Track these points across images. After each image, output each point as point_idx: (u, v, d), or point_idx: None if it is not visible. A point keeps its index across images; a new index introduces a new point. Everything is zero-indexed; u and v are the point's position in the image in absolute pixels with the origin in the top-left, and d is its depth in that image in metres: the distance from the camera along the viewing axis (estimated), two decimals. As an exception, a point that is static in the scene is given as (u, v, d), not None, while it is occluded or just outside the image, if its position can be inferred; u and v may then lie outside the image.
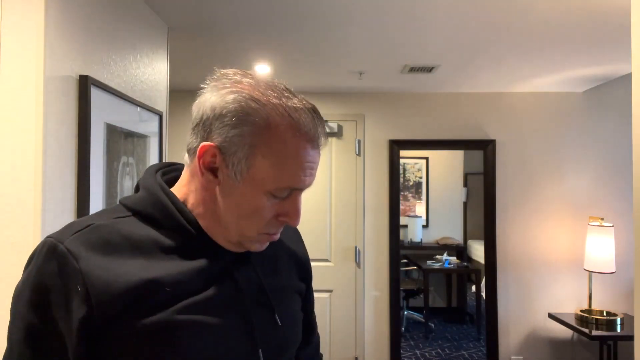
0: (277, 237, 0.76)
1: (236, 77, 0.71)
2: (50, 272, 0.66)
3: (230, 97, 0.68)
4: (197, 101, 0.73)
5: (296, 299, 0.87)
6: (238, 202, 0.70)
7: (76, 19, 1.43)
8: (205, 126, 0.69)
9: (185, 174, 0.75)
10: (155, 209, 0.72)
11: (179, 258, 0.71)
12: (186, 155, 0.74)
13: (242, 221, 0.71)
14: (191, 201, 0.74)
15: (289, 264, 0.87)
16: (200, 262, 0.71)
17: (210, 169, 0.70)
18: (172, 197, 0.73)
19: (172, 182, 0.79)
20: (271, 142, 0.67)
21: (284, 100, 0.68)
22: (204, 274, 0.71)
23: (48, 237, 0.70)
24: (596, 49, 2.57)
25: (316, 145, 0.70)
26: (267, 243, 0.77)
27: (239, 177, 0.68)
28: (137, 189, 0.78)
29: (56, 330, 0.65)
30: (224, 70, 0.73)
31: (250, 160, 0.68)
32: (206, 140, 0.69)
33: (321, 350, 1.03)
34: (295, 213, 0.72)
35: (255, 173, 0.68)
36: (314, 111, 0.71)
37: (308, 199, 3.66)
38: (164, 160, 2.08)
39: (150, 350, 0.66)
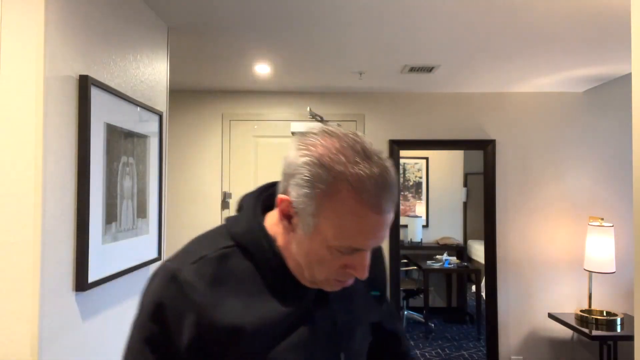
0: (350, 282, 0.82)
1: (313, 139, 0.76)
2: (170, 295, 0.77)
3: (302, 159, 0.75)
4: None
5: (367, 334, 0.95)
6: (307, 251, 0.78)
7: (76, 19, 1.43)
8: (285, 179, 0.78)
9: (276, 213, 0.82)
10: (256, 250, 0.82)
11: (272, 297, 0.81)
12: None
13: (312, 267, 0.79)
14: (279, 242, 0.82)
15: (365, 295, 0.94)
16: (288, 302, 0.81)
17: (286, 217, 0.78)
18: (270, 241, 0.82)
19: (270, 199, 0.86)
20: (334, 207, 0.73)
21: (351, 166, 0.72)
22: (292, 316, 0.81)
23: (168, 262, 0.83)
24: (596, 49, 2.57)
25: (380, 211, 0.73)
26: (340, 287, 0.83)
27: (307, 230, 0.76)
28: (239, 208, 0.89)
29: (171, 340, 0.76)
30: (311, 130, 0.80)
31: (316, 218, 0.74)
32: (284, 192, 0.78)
33: None
34: (361, 268, 0.78)
35: (320, 230, 0.75)
36: (383, 176, 0.74)
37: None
38: (163, 160, 2.08)
39: None
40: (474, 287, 5.14)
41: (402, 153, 3.78)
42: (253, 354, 0.78)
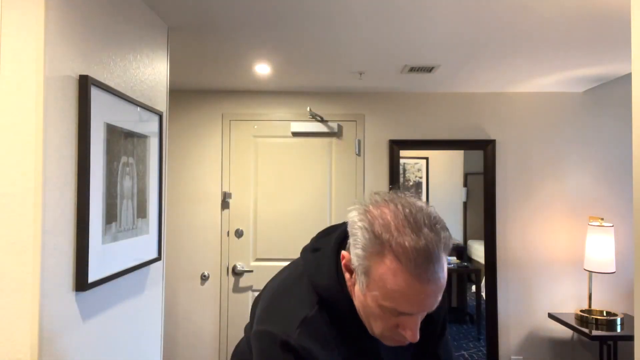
0: (407, 342, 0.87)
1: (375, 204, 0.83)
2: None
3: (360, 224, 0.81)
4: None
5: None
6: (363, 305, 0.84)
7: (76, 19, 1.43)
8: (348, 235, 0.86)
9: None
10: (342, 306, 0.89)
11: (355, 344, 0.89)
12: None
13: (369, 320, 0.85)
14: (352, 293, 0.89)
15: (425, 330, 0.98)
16: (366, 345, 0.90)
17: (348, 271, 0.86)
18: (348, 295, 0.88)
19: (343, 239, 0.92)
20: (380, 272, 0.79)
21: (400, 236, 0.77)
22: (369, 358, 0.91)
23: (272, 331, 0.85)
24: (596, 49, 2.57)
25: (423, 281, 0.77)
26: (397, 344, 0.88)
27: (361, 286, 0.83)
28: (314, 249, 0.96)
29: None
30: (377, 192, 0.87)
31: (366, 277, 0.81)
32: (347, 248, 0.86)
33: None
34: (411, 332, 0.83)
35: (371, 288, 0.81)
36: (428, 248, 0.77)
37: (308, 199, 3.67)
38: (163, 160, 2.08)
39: None
40: (474, 287, 5.14)
41: (402, 153, 3.78)
42: None
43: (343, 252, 0.87)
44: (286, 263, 1.13)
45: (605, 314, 3.24)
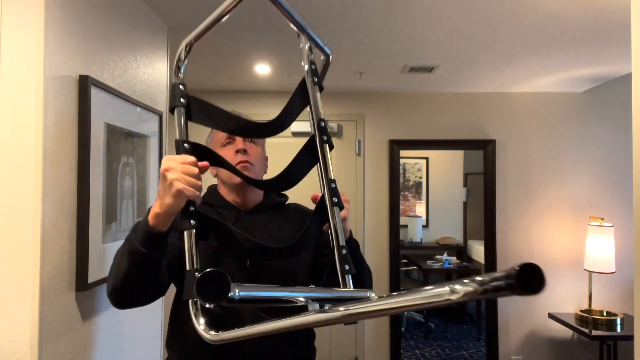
0: (245, 158, 1.34)
1: None
2: None
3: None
4: None
5: None
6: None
7: (76, 19, 1.43)
8: None
9: None
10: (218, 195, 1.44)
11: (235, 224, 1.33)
12: None
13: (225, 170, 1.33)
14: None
15: None
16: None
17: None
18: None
19: None
20: (211, 137, 1.41)
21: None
22: None
23: None
24: (596, 49, 2.57)
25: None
26: (243, 167, 1.31)
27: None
28: None
29: None
30: None
31: (212, 144, 1.39)
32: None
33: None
34: (238, 147, 1.34)
35: (214, 145, 1.37)
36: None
37: (308, 199, 3.65)
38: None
39: None
40: (474, 287, 5.13)
41: (402, 153, 3.78)
42: None
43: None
44: (286, 263, 1.17)
45: (605, 314, 3.24)
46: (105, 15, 1.62)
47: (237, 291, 0.69)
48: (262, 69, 3.03)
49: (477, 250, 5.08)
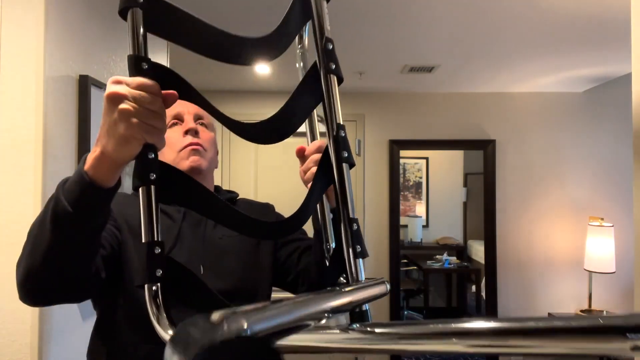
0: (196, 140, 1.07)
1: None
2: None
3: None
4: None
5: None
6: (167, 146, 0.99)
7: (76, 19, 1.43)
8: None
9: None
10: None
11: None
12: None
13: (173, 152, 1.09)
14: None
15: None
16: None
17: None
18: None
19: None
20: None
21: None
22: None
23: None
24: (596, 49, 2.57)
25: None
26: (193, 151, 1.10)
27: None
28: None
29: None
30: None
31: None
32: None
33: None
34: (186, 128, 1.09)
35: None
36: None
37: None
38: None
39: None
40: (474, 287, 5.14)
41: (402, 153, 3.78)
42: None
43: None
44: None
45: (605, 314, 3.24)
46: (105, 15, 1.62)
47: (248, 326, 0.41)
48: (262, 69, 3.03)
49: (477, 250, 5.08)
